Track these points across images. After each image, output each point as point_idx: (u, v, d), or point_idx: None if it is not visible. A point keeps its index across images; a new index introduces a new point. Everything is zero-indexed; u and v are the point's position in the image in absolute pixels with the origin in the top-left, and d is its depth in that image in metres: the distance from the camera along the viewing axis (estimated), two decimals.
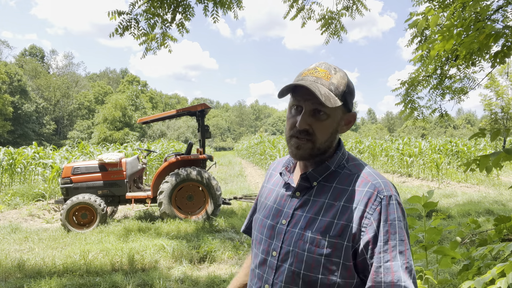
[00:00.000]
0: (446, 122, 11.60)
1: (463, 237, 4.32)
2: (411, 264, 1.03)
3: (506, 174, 15.83)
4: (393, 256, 1.01)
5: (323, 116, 1.10)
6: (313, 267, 1.06)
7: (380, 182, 1.09)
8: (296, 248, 1.09)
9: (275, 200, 1.23)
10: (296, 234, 1.10)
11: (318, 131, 1.11)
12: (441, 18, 4.45)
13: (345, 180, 1.12)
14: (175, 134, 58.91)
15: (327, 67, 1.14)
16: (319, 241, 1.06)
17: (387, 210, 1.04)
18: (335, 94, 1.10)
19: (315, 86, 1.07)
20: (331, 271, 1.04)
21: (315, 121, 1.11)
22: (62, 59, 74.35)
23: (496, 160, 2.43)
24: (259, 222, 1.25)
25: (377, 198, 1.06)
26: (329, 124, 1.12)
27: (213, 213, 7.32)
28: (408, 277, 1.01)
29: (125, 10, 5.30)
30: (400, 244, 1.02)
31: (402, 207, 1.08)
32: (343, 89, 1.12)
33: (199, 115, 7.80)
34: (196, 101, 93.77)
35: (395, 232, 1.03)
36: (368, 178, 1.11)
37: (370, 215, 1.04)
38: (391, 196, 1.06)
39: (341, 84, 1.12)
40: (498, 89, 26.38)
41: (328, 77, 1.11)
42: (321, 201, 1.11)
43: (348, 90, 1.14)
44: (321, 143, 1.12)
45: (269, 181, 1.34)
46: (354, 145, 21.97)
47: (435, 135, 55.29)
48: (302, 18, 6.15)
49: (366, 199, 1.06)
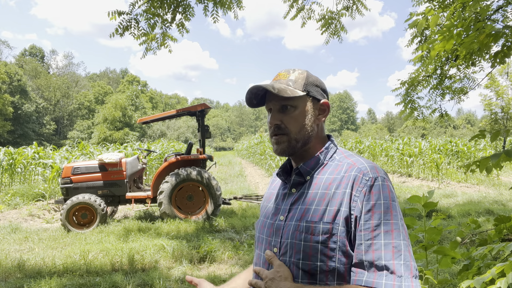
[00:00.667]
0: (446, 122, 11.62)
1: (463, 237, 4.32)
2: (400, 244, 1.00)
3: (506, 174, 15.83)
4: (375, 234, 1.01)
5: (291, 109, 1.19)
6: (311, 255, 1.07)
7: (366, 166, 1.12)
8: (293, 239, 1.11)
9: (274, 201, 1.27)
10: (293, 226, 1.13)
11: (289, 123, 1.18)
12: (441, 18, 4.45)
13: (336, 170, 1.16)
14: (175, 134, 58.92)
15: (286, 70, 1.25)
16: (314, 228, 1.08)
17: (371, 191, 1.06)
18: (294, 87, 1.19)
19: (270, 85, 1.17)
20: (329, 257, 1.06)
21: (284, 116, 1.19)
22: (62, 59, 74.48)
23: (497, 162, 2.43)
24: (260, 224, 1.28)
25: (363, 180, 1.08)
26: (298, 115, 1.19)
27: (213, 213, 7.32)
28: (393, 257, 0.98)
29: (125, 10, 5.30)
30: (385, 224, 1.02)
31: (391, 189, 1.09)
32: (302, 81, 1.20)
33: (199, 115, 7.81)
34: (196, 101, 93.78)
35: (380, 212, 1.03)
36: (356, 163, 1.14)
37: (356, 197, 1.07)
38: (377, 178, 1.08)
39: (298, 78, 1.21)
40: (498, 89, 26.39)
41: (286, 76, 1.22)
42: (314, 192, 1.15)
43: (308, 82, 1.21)
44: (296, 133, 1.18)
45: (271, 186, 1.39)
46: (354, 145, 21.98)
47: (435, 135, 55.29)
48: (302, 18, 6.15)
49: (352, 182, 1.09)
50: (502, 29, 2.67)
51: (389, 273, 0.98)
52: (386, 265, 0.98)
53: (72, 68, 74.00)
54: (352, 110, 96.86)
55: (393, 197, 1.07)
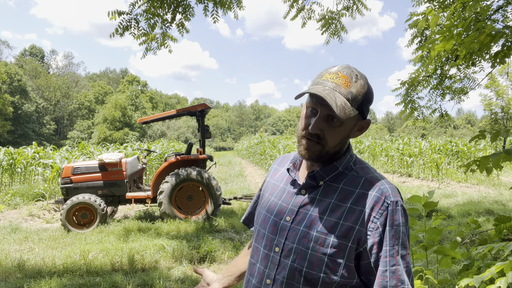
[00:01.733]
0: (446, 122, 11.61)
1: (463, 237, 4.32)
2: (411, 267, 1.09)
3: (506, 174, 15.83)
4: (398, 260, 1.05)
5: (337, 123, 1.10)
6: (316, 266, 1.07)
7: (387, 188, 1.11)
8: (300, 246, 1.10)
9: (280, 197, 1.24)
10: (301, 231, 1.12)
11: (329, 136, 1.11)
12: (441, 18, 4.45)
13: (352, 182, 1.14)
14: (175, 134, 58.92)
15: (349, 73, 1.12)
16: (324, 240, 1.08)
17: (393, 216, 1.07)
18: (351, 104, 1.09)
19: (332, 95, 1.06)
20: (333, 270, 1.07)
21: (327, 127, 1.11)
22: (62, 59, 74.46)
23: (496, 161, 2.43)
24: (262, 217, 1.26)
25: (384, 203, 1.08)
26: (341, 131, 1.12)
27: (213, 213, 7.32)
28: (409, 280, 1.06)
29: (125, 10, 5.30)
30: (402, 249, 1.07)
31: (406, 213, 1.12)
32: (361, 98, 1.11)
33: (199, 115, 7.80)
34: (196, 101, 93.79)
35: (399, 237, 1.07)
36: (375, 182, 1.13)
37: (376, 220, 1.06)
38: (397, 202, 1.09)
39: (359, 94, 1.10)
40: (498, 89, 26.38)
41: (348, 85, 1.10)
42: (327, 201, 1.12)
43: (366, 99, 1.12)
44: (331, 148, 1.13)
45: (273, 176, 1.35)
46: (354, 145, 21.96)
47: (435, 135, 55.29)
48: (302, 18, 6.15)
49: (373, 203, 1.08)
50: (502, 29, 2.67)
51: None
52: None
53: (72, 68, 74.04)
54: None
55: (407, 222, 1.12)
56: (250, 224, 1.49)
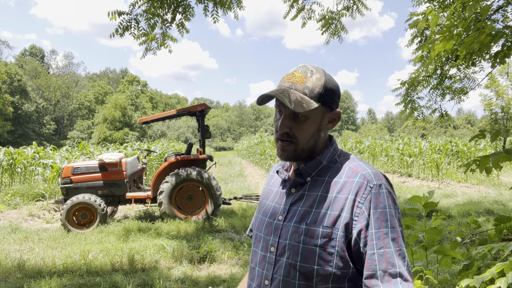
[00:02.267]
0: (446, 122, 11.61)
1: (463, 237, 4.32)
2: (404, 251, 1.04)
3: (506, 174, 15.83)
4: (386, 243, 1.02)
5: (302, 118, 1.14)
6: (309, 258, 1.08)
7: (370, 172, 1.11)
8: (292, 241, 1.11)
9: (273, 199, 1.27)
10: (292, 227, 1.13)
11: (298, 133, 1.15)
12: (441, 18, 4.45)
13: (337, 173, 1.15)
14: (175, 134, 58.92)
15: (303, 70, 1.17)
16: (313, 231, 1.08)
17: (377, 198, 1.06)
18: (310, 97, 1.13)
19: (286, 93, 1.11)
20: (326, 261, 1.06)
21: (294, 124, 1.15)
22: (62, 59, 74.46)
23: (496, 160, 2.43)
24: (258, 221, 1.28)
25: (367, 187, 1.07)
26: (309, 125, 1.15)
27: (213, 213, 7.32)
28: (403, 264, 1.02)
29: (125, 10, 5.30)
30: (392, 232, 1.04)
31: (393, 196, 1.10)
32: (319, 91, 1.14)
33: (199, 115, 7.81)
34: (196, 101, 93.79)
35: (387, 220, 1.04)
36: (359, 169, 1.13)
37: (361, 204, 1.06)
38: (381, 185, 1.08)
39: (316, 86, 1.14)
40: (498, 89, 26.40)
41: (303, 81, 1.14)
42: (314, 194, 1.14)
43: (326, 91, 1.15)
44: (303, 144, 1.16)
45: (269, 182, 1.38)
46: (354, 145, 21.97)
47: (435, 135, 55.29)
48: (303, 18, 6.16)
49: (356, 188, 1.08)
50: (502, 29, 2.67)
51: (403, 280, 1.00)
52: (400, 272, 1.01)
53: (72, 68, 74.06)
54: (352, 110, 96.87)
55: (395, 204, 1.09)
56: None
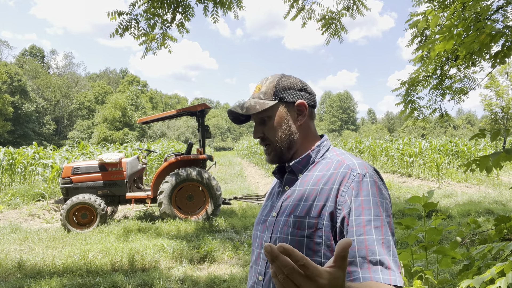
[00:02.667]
0: (446, 122, 11.62)
1: (463, 237, 4.32)
2: (389, 240, 1.01)
3: (506, 174, 15.83)
4: (367, 230, 1.01)
5: (268, 120, 1.25)
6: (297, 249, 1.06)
7: (354, 162, 1.14)
8: (282, 234, 1.14)
9: (270, 199, 1.31)
10: (282, 221, 1.16)
11: (269, 133, 1.25)
12: (441, 18, 4.45)
13: (325, 167, 1.19)
14: (175, 134, 58.91)
15: (261, 81, 1.30)
16: (300, 223, 1.11)
17: (360, 186, 1.07)
18: (265, 99, 1.24)
19: (240, 105, 1.25)
20: (314, 251, 1.08)
21: (264, 127, 1.26)
22: (62, 59, 74.44)
23: (496, 160, 2.43)
24: (256, 221, 1.32)
25: (351, 175, 1.10)
26: (276, 123, 1.24)
27: (213, 213, 7.32)
28: (386, 252, 0.99)
29: (125, 11, 5.30)
30: (375, 220, 1.02)
31: (379, 185, 1.09)
32: (272, 90, 1.24)
33: (199, 115, 7.81)
34: (196, 101, 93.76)
35: (369, 208, 1.04)
36: (345, 160, 1.17)
37: (344, 193, 1.08)
38: (365, 174, 1.10)
39: (268, 88, 1.25)
40: (498, 89, 26.39)
41: (259, 89, 1.27)
42: (303, 188, 1.18)
43: (279, 88, 1.24)
44: (277, 142, 1.24)
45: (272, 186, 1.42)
46: (354, 145, 21.97)
47: (435, 135, 55.28)
48: (303, 18, 6.15)
49: (341, 178, 1.11)
50: (502, 29, 2.67)
51: (384, 268, 0.97)
52: (381, 260, 0.97)
53: (72, 68, 74.03)
54: (352, 110, 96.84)
55: (381, 194, 1.08)
56: None
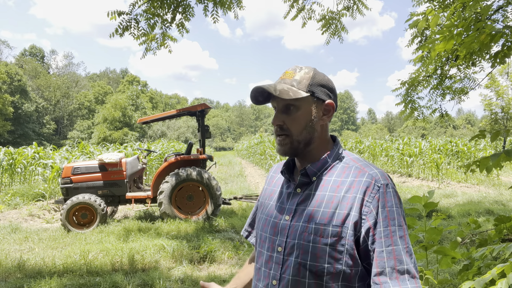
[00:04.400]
0: (446, 122, 11.61)
1: (463, 237, 4.32)
2: (411, 248, 1.08)
3: (506, 174, 15.83)
4: (394, 240, 1.06)
5: (294, 110, 1.19)
6: (319, 257, 1.09)
7: (376, 172, 1.14)
8: (301, 241, 1.12)
9: (277, 199, 1.27)
10: (301, 227, 1.14)
11: (291, 125, 1.19)
12: (441, 18, 4.45)
13: (343, 173, 1.17)
14: (175, 134, 58.88)
15: (293, 68, 1.24)
16: (323, 231, 1.10)
17: (385, 197, 1.09)
18: (298, 88, 1.18)
19: (273, 86, 1.18)
20: (336, 259, 1.08)
21: (287, 117, 1.20)
22: (62, 59, 74.41)
23: (496, 161, 2.43)
24: (262, 222, 1.28)
25: (375, 186, 1.10)
26: (301, 116, 1.19)
27: (213, 213, 7.32)
28: (410, 260, 1.05)
29: (125, 10, 5.30)
30: (399, 230, 1.07)
31: (399, 195, 1.14)
32: (307, 82, 1.19)
33: (199, 115, 7.80)
34: (196, 101, 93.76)
35: (394, 218, 1.08)
36: (365, 169, 1.16)
37: (369, 203, 1.09)
38: (388, 185, 1.12)
39: (303, 78, 1.20)
40: (498, 89, 26.37)
41: (292, 76, 1.21)
42: (322, 194, 1.16)
43: (314, 82, 1.20)
44: (297, 135, 1.19)
45: (270, 183, 1.38)
46: (354, 145, 21.97)
47: (435, 135, 55.28)
48: (303, 18, 6.15)
49: (364, 188, 1.11)
50: (502, 29, 2.67)
51: (411, 277, 1.04)
52: (408, 269, 1.04)
53: (72, 68, 74.01)
54: (352, 110, 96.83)
55: (401, 204, 1.13)
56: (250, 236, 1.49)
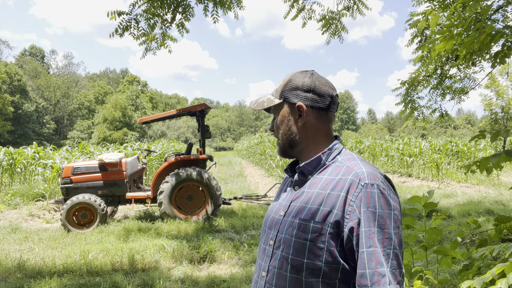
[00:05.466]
0: (446, 122, 11.61)
1: (463, 237, 4.32)
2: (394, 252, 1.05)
3: (506, 174, 15.83)
4: (375, 242, 1.04)
5: (275, 117, 1.33)
6: (300, 252, 1.12)
7: (363, 171, 1.13)
8: (287, 235, 1.16)
9: (281, 197, 1.33)
10: (288, 222, 1.18)
11: (277, 129, 1.32)
12: (441, 18, 4.45)
13: (335, 171, 1.19)
14: (175, 134, 58.88)
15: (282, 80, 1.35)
16: (305, 226, 1.12)
17: (368, 197, 1.07)
18: (275, 96, 1.30)
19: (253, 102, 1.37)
20: (316, 255, 1.10)
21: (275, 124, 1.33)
22: (62, 59, 74.42)
23: (497, 162, 2.43)
24: (265, 217, 1.34)
25: (359, 185, 1.10)
26: (279, 121, 1.30)
27: (213, 213, 7.32)
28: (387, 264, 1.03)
29: (125, 10, 5.30)
30: (379, 232, 1.05)
31: (387, 196, 1.10)
32: (280, 89, 1.29)
33: (199, 115, 7.80)
34: (196, 101, 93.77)
35: (375, 220, 1.06)
36: (354, 167, 1.16)
37: (353, 202, 1.09)
38: (373, 184, 1.09)
39: (280, 86, 1.31)
40: (498, 89, 26.37)
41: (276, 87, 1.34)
42: (311, 191, 1.18)
43: (286, 88, 1.28)
44: (282, 137, 1.29)
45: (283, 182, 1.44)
46: (354, 145, 21.96)
47: (435, 135, 55.27)
48: (303, 19, 6.15)
49: (348, 186, 1.11)
50: (502, 29, 2.67)
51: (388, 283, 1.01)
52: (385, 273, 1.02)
53: (72, 68, 74.01)
54: (352, 110, 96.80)
55: (389, 205, 1.09)
56: None
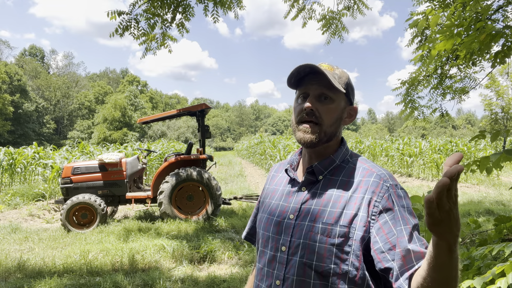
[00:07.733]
0: (446, 122, 11.60)
1: (463, 237, 4.31)
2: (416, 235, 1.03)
3: (506, 174, 15.82)
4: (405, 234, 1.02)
5: (329, 101, 1.16)
6: (325, 257, 1.08)
7: (384, 173, 1.14)
8: (307, 240, 1.11)
9: (280, 198, 1.25)
10: (306, 226, 1.12)
11: (324, 113, 1.15)
12: (442, 18, 4.45)
13: (350, 173, 1.16)
14: (175, 134, 58.87)
15: (329, 64, 1.22)
16: (330, 230, 1.09)
17: (394, 197, 1.08)
18: (339, 82, 1.17)
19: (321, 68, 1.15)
20: (342, 259, 1.07)
21: (321, 105, 1.16)
22: (62, 59, 74.35)
23: (496, 161, 2.43)
24: (264, 221, 1.26)
25: (384, 186, 1.10)
26: (334, 109, 1.17)
27: (213, 213, 7.32)
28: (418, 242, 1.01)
29: (125, 10, 5.30)
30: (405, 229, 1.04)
31: (407, 194, 1.13)
32: (345, 80, 1.19)
33: (199, 115, 7.80)
34: (196, 101, 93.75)
35: (403, 217, 1.05)
36: (373, 169, 1.15)
37: (378, 203, 1.07)
38: (396, 185, 1.12)
39: (343, 75, 1.20)
40: (499, 89, 26.37)
41: (331, 69, 1.19)
42: (328, 193, 1.14)
43: (349, 82, 1.21)
44: (328, 127, 1.16)
45: (272, 182, 1.36)
46: (354, 145, 21.95)
47: (435, 135, 55.25)
48: (303, 18, 6.14)
49: (373, 188, 1.10)
50: (502, 29, 2.67)
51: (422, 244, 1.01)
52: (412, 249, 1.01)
53: (72, 68, 74.05)
54: None
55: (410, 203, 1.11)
56: (253, 239, 1.44)
